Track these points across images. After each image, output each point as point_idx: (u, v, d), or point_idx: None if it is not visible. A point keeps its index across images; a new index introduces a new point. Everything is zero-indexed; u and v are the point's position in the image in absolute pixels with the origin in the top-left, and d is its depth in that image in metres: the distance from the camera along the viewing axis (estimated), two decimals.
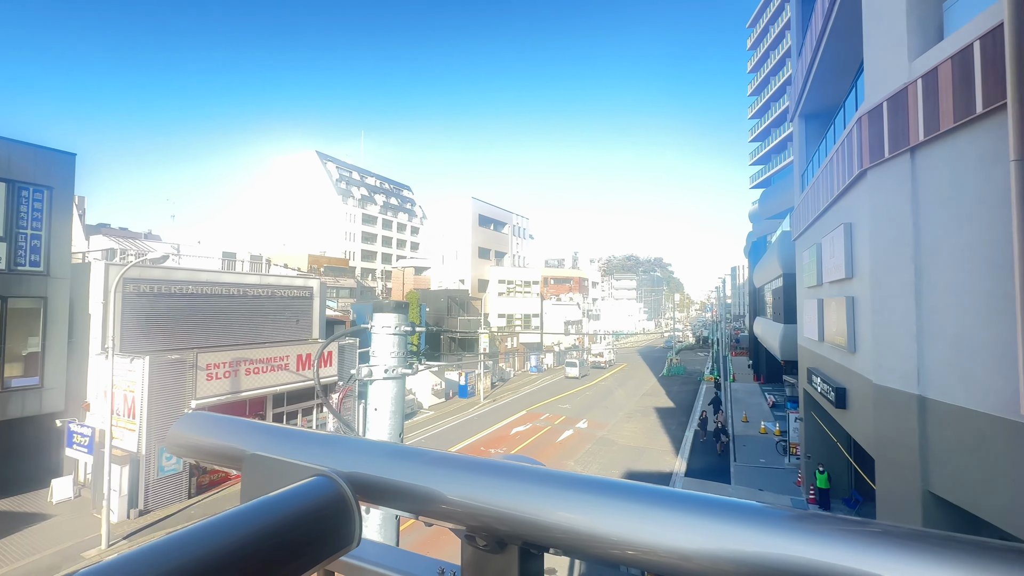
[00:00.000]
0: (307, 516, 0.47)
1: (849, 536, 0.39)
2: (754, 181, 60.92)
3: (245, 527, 0.44)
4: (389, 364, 1.68)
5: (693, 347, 71.09)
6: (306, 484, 0.50)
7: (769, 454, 20.15)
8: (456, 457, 0.59)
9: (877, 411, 7.51)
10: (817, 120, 15.40)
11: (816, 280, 11.74)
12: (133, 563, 0.37)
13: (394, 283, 48.59)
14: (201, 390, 15.03)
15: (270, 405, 18.16)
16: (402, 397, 1.66)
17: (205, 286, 16.87)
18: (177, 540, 0.40)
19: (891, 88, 6.97)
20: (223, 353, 15.96)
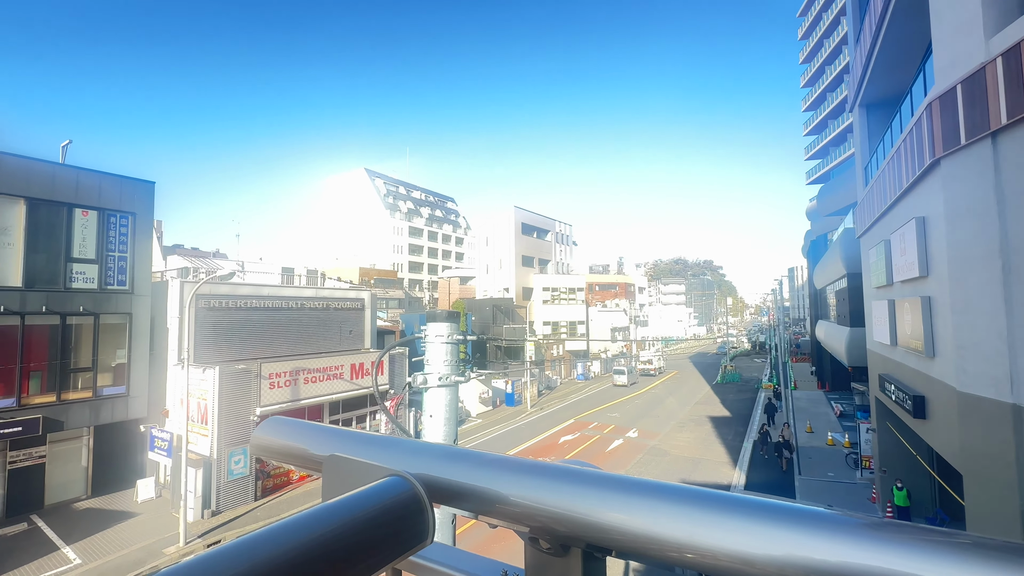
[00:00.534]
0: (385, 514, 0.50)
1: (934, 547, 0.36)
2: (810, 177, 57.64)
3: (329, 523, 0.48)
4: (443, 372, 1.74)
5: (749, 353, 67.74)
6: (383, 483, 0.53)
7: (838, 467, 18.78)
8: (520, 460, 0.61)
9: (963, 421, 6.84)
10: (880, 109, 14.40)
11: (886, 279, 10.92)
12: (231, 555, 0.40)
13: (440, 293, 49.66)
14: (264, 398, 15.95)
15: (326, 413, 18.96)
16: (455, 404, 1.70)
17: (267, 300, 17.97)
18: (267, 535, 0.44)
19: (965, 69, 6.42)
20: (283, 363, 16.87)
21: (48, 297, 14.57)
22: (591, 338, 46.08)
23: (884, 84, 13.32)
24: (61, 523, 13.86)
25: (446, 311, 1.73)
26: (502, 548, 12.30)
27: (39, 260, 14.61)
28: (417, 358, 1.93)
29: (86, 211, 15.48)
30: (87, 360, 15.40)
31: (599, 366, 46.90)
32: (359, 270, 49.42)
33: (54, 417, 14.51)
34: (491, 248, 48.19)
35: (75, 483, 15.53)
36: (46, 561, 11.97)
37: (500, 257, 46.75)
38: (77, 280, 15.24)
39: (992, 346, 6.16)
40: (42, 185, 14.61)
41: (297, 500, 15.72)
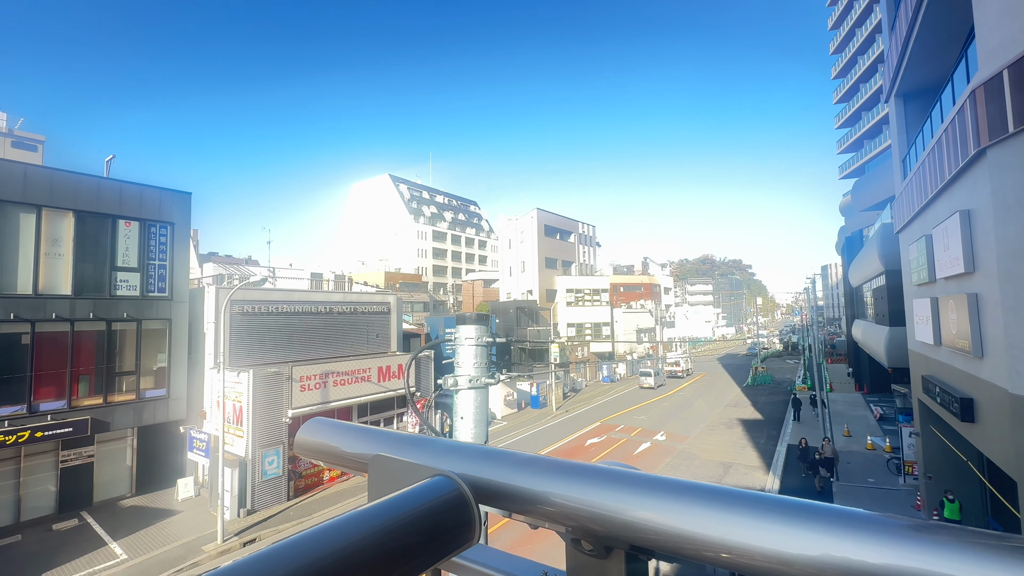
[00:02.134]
0: (433, 513, 0.51)
1: (985, 551, 0.35)
2: (843, 171, 55.61)
3: (377, 523, 0.49)
4: (473, 374, 1.75)
5: (781, 354, 65.73)
6: (429, 483, 0.54)
7: (879, 473, 18.00)
8: (561, 461, 0.61)
9: (1017, 426, 6.46)
10: (918, 99, 13.80)
11: (928, 276, 10.43)
12: (283, 555, 0.41)
13: (464, 296, 50.00)
14: (296, 400, 16.37)
15: (355, 414, 19.31)
16: (485, 405, 1.72)
17: (297, 305, 18.46)
18: (316, 535, 0.45)
19: (1013, 54, 6.10)
20: (314, 366, 17.29)
21: (95, 304, 15.35)
22: (616, 340, 45.56)
23: (922, 72, 12.76)
24: (108, 519, 14.54)
25: (475, 313, 1.74)
26: (531, 549, 12.25)
27: (86, 269, 15.41)
28: (447, 360, 1.95)
29: (129, 222, 16.25)
30: (131, 364, 16.15)
31: (625, 368, 46.30)
32: (384, 274, 50.22)
33: (101, 418, 15.26)
34: (514, 251, 48.25)
35: (121, 481, 16.28)
36: (96, 556, 12.57)
37: (523, 259, 46.76)
38: (121, 288, 16.00)
39: None
40: (88, 198, 15.43)
41: (329, 500, 16.06)
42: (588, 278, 47.41)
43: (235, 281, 20.92)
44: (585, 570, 0.60)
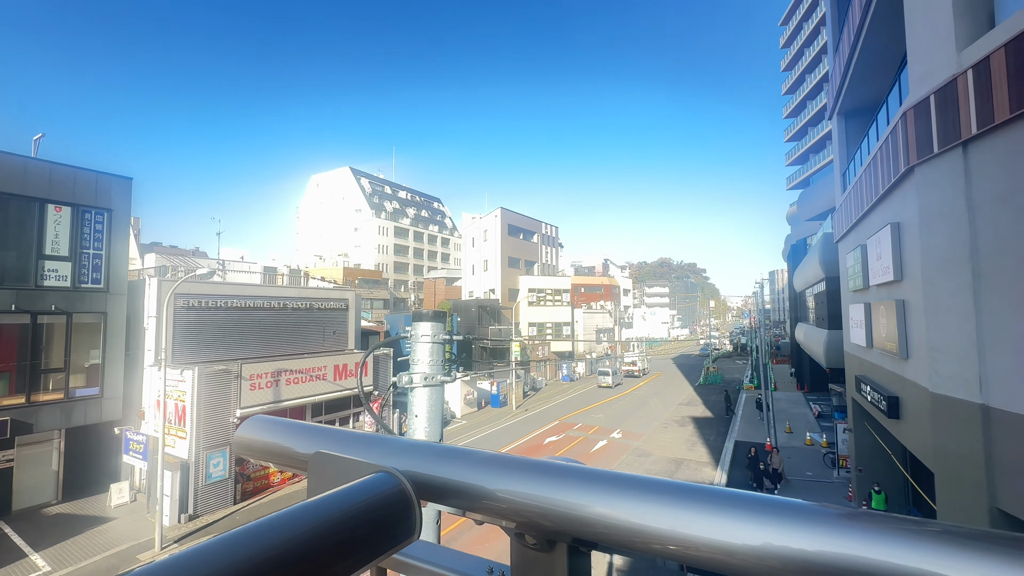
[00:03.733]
0: (371, 510, 0.50)
1: (906, 536, 0.38)
2: (791, 182, 58.87)
3: (312, 520, 0.47)
4: (428, 372, 1.73)
5: (731, 355, 68.82)
6: (369, 480, 0.53)
7: (816, 467, 19.19)
8: (506, 456, 0.61)
9: (935, 422, 7.05)
10: (858, 117, 14.80)
11: (862, 283, 11.21)
12: (211, 553, 0.39)
13: (426, 294, 49.37)
14: (245, 399, 15.65)
15: (309, 414, 18.68)
16: (440, 404, 1.69)
17: (248, 300, 17.63)
18: (247, 532, 0.43)
19: (938, 80, 6.64)
20: (265, 364, 16.58)
21: (18, 295, 14.08)
22: (577, 339, 46.30)
23: (861, 93, 13.69)
24: (30, 529, 13.38)
25: (432, 311, 1.72)
26: (491, 547, 12.26)
27: (8, 257, 14.12)
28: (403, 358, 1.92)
29: (59, 207, 15.01)
30: (59, 360, 14.93)
31: (584, 367, 47.14)
32: (343, 270, 48.85)
33: (23, 419, 14.02)
34: (477, 249, 48.10)
35: (45, 488, 15.02)
36: (13, 569, 11.54)
37: (486, 258, 46.70)
38: (49, 278, 14.76)
39: (962, 348, 6.36)
40: (12, 179, 14.12)
41: (279, 503, 15.45)
42: (550, 278, 47.91)
43: (180, 273, 19.75)
44: (529, 564, 0.60)
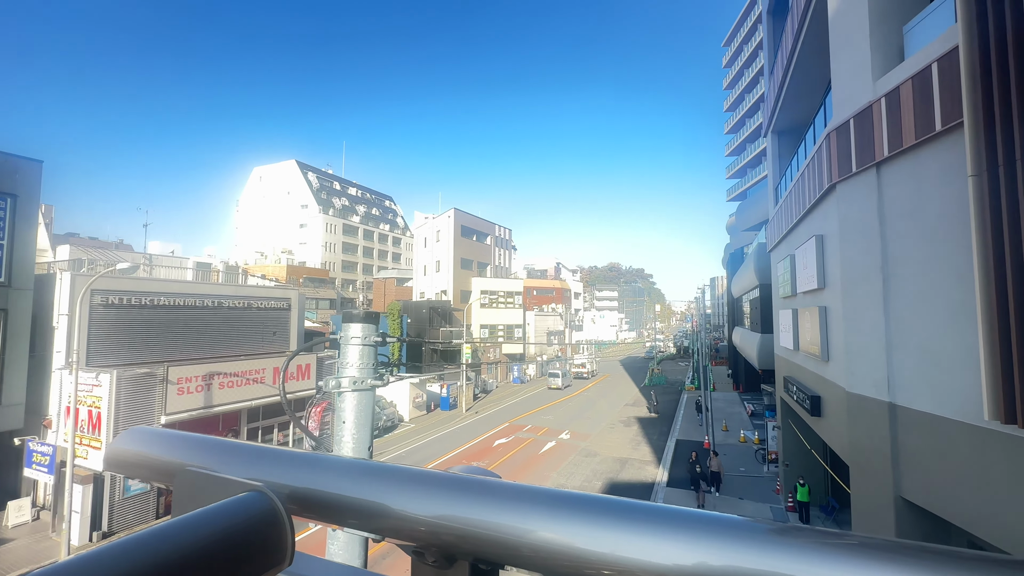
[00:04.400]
0: (233, 534, 0.44)
1: (827, 549, 0.38)
2: (731, 194, 62.47)
3: (166, 546, 0.41)
4: (358, 376, 1.63)
5: (674, 357, 71.89)
6: (235, 500, 0.47)
7: (749, 463, 20.37)
8: (403, 469, 0.56)
9: (851, 419, 7.67)
10: (789, 136, 15.91)
11: (790, 291, 12.02)
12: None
13: (375, 294, 48.08)
14: (172, 405, 14.53)
15: (244, 420, 17.64)
16: (371, 409, 1.61)
17: (178, 297, 16.39)
18: (89, 560, 0.36)
19: (857, 106, 7.25)
20: (195, 366, 15.48)
21: None
22: (528, 342, 46.67)
23: (793, 113, 14.74)
24: None
25: (364, 311, 1.64)
26: None
27: None
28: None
29: None
30: None
31: (535, 369, 47.60)
32: (287, 268, 46.65)
33: None
34: (430, 250, 47.45)
35: None
36: None
37: (439, 259, 46.16)
38: None
39: (874, 351, 6.96)
40: None
41: None
42: (503, 280, 48.05)
43: (99, 267, 18.07)
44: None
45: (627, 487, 17.94)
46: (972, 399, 5.01)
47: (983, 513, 5.12)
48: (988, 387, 4.43)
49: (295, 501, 0.54)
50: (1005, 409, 4.29)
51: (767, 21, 16.80)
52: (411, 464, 12.63)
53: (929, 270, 5.91)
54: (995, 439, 4.86)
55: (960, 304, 5.27)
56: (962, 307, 5.20)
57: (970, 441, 5.24)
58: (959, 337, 5.31)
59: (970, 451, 5.25)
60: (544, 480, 18.66)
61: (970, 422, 5.19)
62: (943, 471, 5.73)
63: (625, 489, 17.72)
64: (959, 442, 5.41)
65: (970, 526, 5.35)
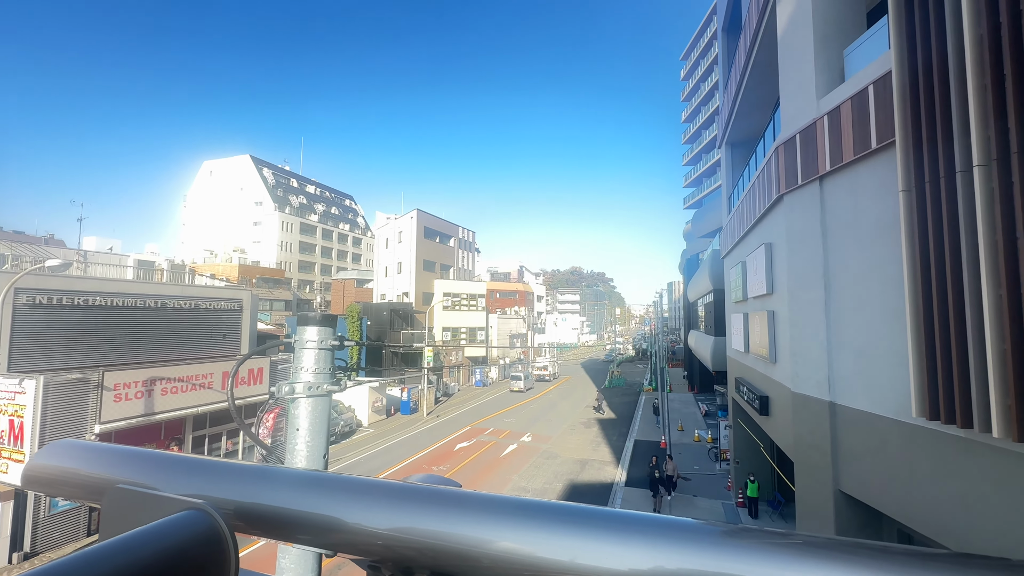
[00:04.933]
0: (170, 557, 0.41)
1: (773, 549, 0.40)
2: (688, 202, 64.82)
3: (91, 573, 0.37)
4: (313, 381, 1.55)
5: (633, 359, 73.68)
6: (172, 520, 0.43)
7: (702, 461, 21.13)
8: (357, 480, 0.54)
9: (795, 417, 8.10)
10: (742, 148, 16.70)
11: (742, 295, 12.58)
12: None
13: (334, 295, 46.68)
14: (107, 413, 13.54)
15: (190, 428, 16.68)
16: (326, 416, 1.53)
17: (116, 297, 15.31)
18: None
19: (803, 122, 7.69)
20: (135, 371, 14.50)
21: None
22: (491, 345, 46.60)
23: (745, 127, 15.48)
24: None
25: (321, 313, 1.57)
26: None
27: None
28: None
29: None
30: None
31: (497, 372, 47.57)
32: (239, 267, 44.57)
33: None
34: (391, 251, 46.58)
35: None
36: None
37: (400, 260, 45.39)
38: None
39: (816, 353, 7.39)
40: None
41: None
42: (466, 283, 47.79)
43: (25, 264, 16.64)
44: None
45: (587, 488, 18.20)
46: (902, 398, 5.40)
47: (911, 503, 5.52)
48: (915, 386, 4.79)
49: (241, 517, 0.51)
50: (930, 406, 4.65)
51: (722, 38, 17.59)
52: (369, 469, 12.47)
53: (865, 278, 6.34)
54: (921, 434, 5.26)
55: (892, 310, 5.67)
56: (894, 312, 5.60)
57: (900, 437, 5.64)
58: (891, 340, 5.72)
59: (900, 446, 5.65)
60: (506, 483, 18.65)
61: (900, 419, 5.59)
62: (876, 465, 6.14)
63: (585, 489, 17.97)
64: (891, 438, 5.82)
65: (900, 516, 5.75)
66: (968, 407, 4.19)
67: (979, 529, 4.56)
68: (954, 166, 4.24)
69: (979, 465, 4.53)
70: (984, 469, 4.48)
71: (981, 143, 3.95)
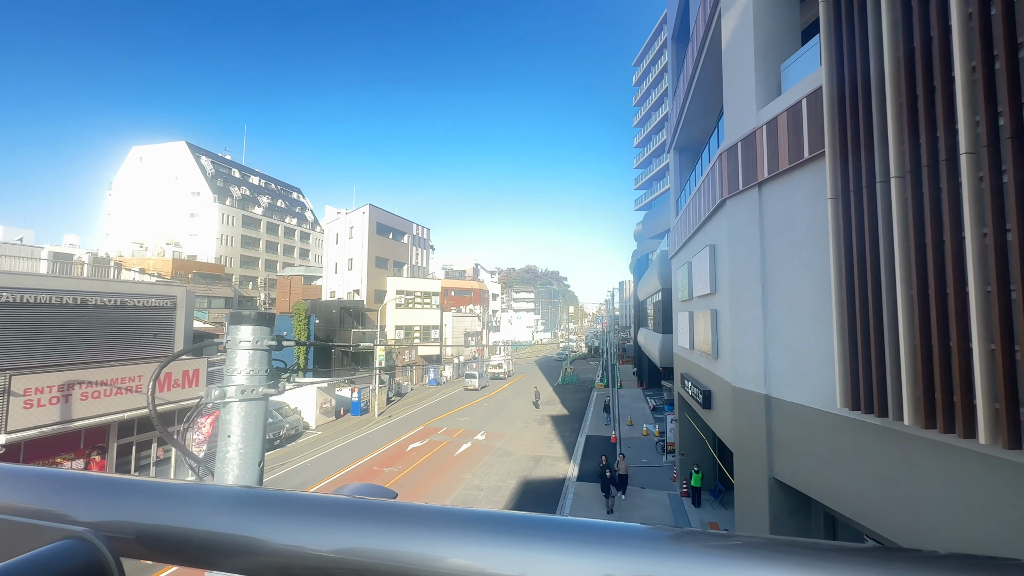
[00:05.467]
0: None
1: (715, 551, 0.41)
2: (639, 204, 67.00)
3: None
4: (247, 384, 1.45)
5: (586, 357, 75.31)
6: (44, 553, 0.37)
7: (650, 454, 21.93)
8: (280, 495, 0.49)
9: (735, 410, 8.55)
10: (689, 152, 17.43)
11: (688, 295, 13.14)
12: None
13: (279, 292, 44.60)
14: (15, 421, 12.24)
15: (114, 436, 15.41)
16: (262, 421, 1.43)
17: (26, 293, 13.86)
18: None
19: (744, 131, 8.12)
20: (50, 375, 13.21)
21: None
22: (445, 343, 46.14)
23: (692, 133, 16.16)
24: None
25: (258, 312, 1.47)
26: None
27: None
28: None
29: None
30: None
31: (451, 371, 47.19)
32: (173, 261, 41.64)
33: None
34: (342, 247, 45.07)
35: None
36: None
37: (351, 256, 44.00)
38: None
39: (754, 350, 7.83)
40: None
41: None
42: (420, 280, 47.02)
43: None
44: None
45: (540, 484, 18.42)
46: (828, 390, 5.83)
47: (835, 486, 5.97)
48: (839, 379, 5.18)
49: (138, 543, 0.45)
50: (852, 398, 5.04)
51: (672, 46, 18.27)
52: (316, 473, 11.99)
53: (797, 278, 6.78)
54: (844, 423, 5.69)
55: (820, 308, 6.10)
56: (822, 311, 6.03)
57: (825, 426, 6.08)
58: (819, 337, 6.15)
59: (826, 435, 6.10)
60: (459, 482, 18.54)
61: (826, 410, 6.03)
62: (805, 453, 6.59)
63: (538, 486, 18.18)
64: (818, 427, 6.27)
65: (825, 499, 6.21)
66: (884, 398, 4.58)
67: (892, 507, 5.00)
68: (875, 177, 4.61)
69: (892, 450, 4.97)
70: (896, 453, 4.91)
71: (897, 156, 4.32)
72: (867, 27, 4.67)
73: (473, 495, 17.23)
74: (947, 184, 3.87)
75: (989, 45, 3.55)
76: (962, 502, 4.14)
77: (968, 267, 3.64)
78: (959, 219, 3.77)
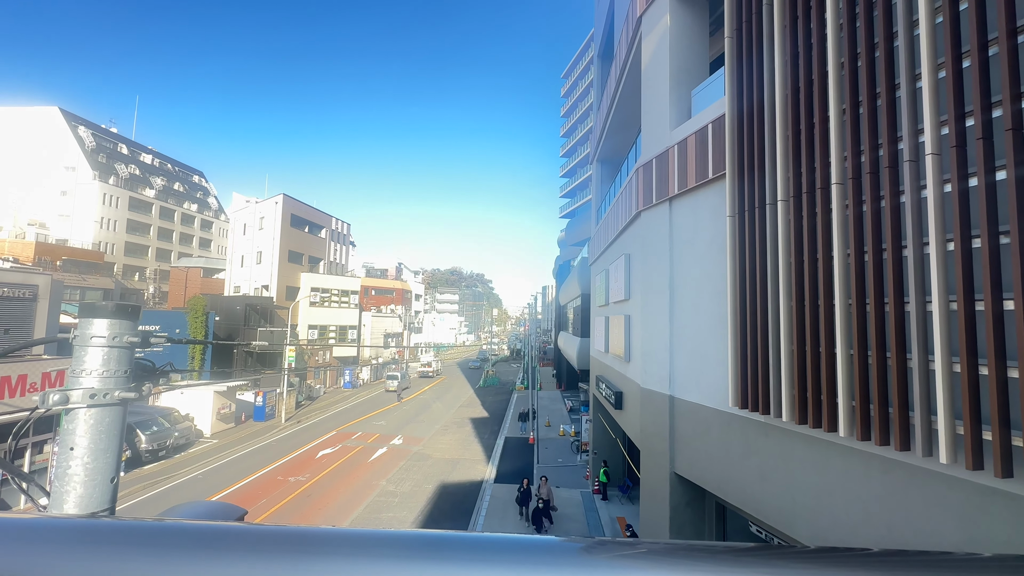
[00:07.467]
0: None
1: (623, 560, 0.43)
2: (563, 211, 69.30)
3: None
4: (99, 387, 1.21)
5: (508, 359, 76.19)
6: None
7: (566, 453, 22.66)
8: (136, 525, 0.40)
9: (643, 410, 9.09)
10: (610, 164, 18.34)
11: (604, 300, 13.78)
12: None
13: (172, 285, 40.12)
14: None
15: None
16: (119, 431, 1.21)
17: None
18: None
19: (659, 149, 8.69)
20: None
21: None
22: (363, 344, 44.25)
23: (614, 146, 17.02)
24: None
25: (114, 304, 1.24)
26: None
27: None
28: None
29: None
30: None
31: (369, 373, 45.36)
32: (35, 245, 35.84)
33: None
34: (250, 238, 41.56)
35: None
36: None
37: (261, 249, 40.72)
38: None
39: (661, 353, 8.38)
40: None
41: None
42: (338, 278, 44.71)
43: None
44: None
45: (457, 487, 18.25)
46: (722, 391, 6.38)
47: (726, 479, 6.55)
48: (731, 380, 5.69)
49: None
50: (741, 397, 5.56)
51: (598, 63, 19.13)
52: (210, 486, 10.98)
53: (699, 288, 7.37)
54: (735, 421, 6.27)
55: (718, 316, 6.67)
56: (720, 318, 6.60)
57: (719, 424, 6.66)
58: (717, 342, 6.73)
59: (719, 432, 6.67)
60: (372, 488, 17.82)
61: (720, 408, 6.61)
62: (702, 449, 7.17)
63: (455, 489, 18.00)
64: (712, 424, 6.84)
65: (718, 490, 6.79)
66: (768, 397, 5.10)
67: (771, 495, 5.58)
68: (766, 199, 5.13)
69: (772, 444, 5.55)
70: (776, 447, 5.49)
71: (783, 182, 4.85)
72: (763, 64, 5.20)
73: (387, 502, 16.64)
74: (820, 209, 4.40)
75: (856, 90, 4.11)
76: (825, 488, 4.72)
77: (835, 283, 4.16)
78: (829, 241, 4.31)
